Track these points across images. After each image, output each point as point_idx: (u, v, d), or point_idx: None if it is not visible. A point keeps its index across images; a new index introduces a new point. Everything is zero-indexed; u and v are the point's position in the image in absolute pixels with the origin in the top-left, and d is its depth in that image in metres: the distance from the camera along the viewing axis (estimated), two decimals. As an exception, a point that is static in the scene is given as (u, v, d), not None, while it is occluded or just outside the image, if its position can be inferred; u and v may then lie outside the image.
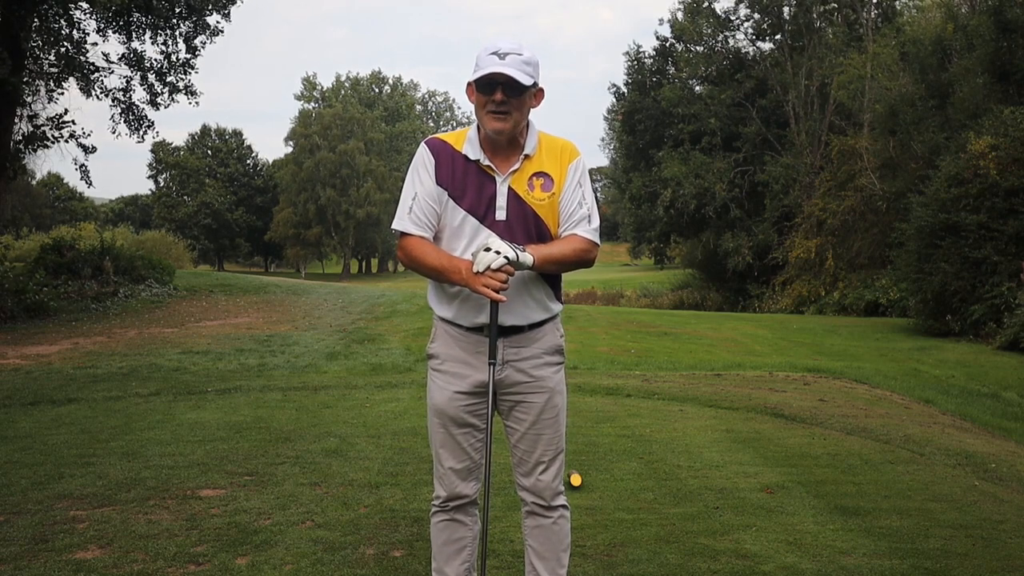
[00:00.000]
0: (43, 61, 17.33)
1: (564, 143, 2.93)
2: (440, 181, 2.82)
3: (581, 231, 2.84)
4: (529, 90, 2.76)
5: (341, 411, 7.37)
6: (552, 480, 2.99)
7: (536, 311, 2.89)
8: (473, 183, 2.81)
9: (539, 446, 2.96)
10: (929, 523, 4.40)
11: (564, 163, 2.87)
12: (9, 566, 3.66)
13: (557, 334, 2.97)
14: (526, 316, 2.87)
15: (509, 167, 2.83)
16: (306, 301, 18.65)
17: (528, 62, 2.74)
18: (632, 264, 75.30)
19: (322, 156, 68.45)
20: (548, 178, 2.85)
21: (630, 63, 39.83)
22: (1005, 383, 12.41)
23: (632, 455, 5.76)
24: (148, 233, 49.47)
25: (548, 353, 2.93)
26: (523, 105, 2.77)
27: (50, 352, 11.81)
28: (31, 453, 5.74)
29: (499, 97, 2.71)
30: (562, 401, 2.99)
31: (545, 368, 2.92)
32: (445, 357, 2.91)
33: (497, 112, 2.73)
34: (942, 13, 28.45)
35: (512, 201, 2.81)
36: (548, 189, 2.84)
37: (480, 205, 2.81)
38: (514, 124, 2.76)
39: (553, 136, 2.94)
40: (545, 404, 2.93)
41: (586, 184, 2.90)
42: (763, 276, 33.99)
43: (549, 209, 2.84)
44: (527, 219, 2.82)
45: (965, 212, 18.37)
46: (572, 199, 2.85)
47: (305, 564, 3.71)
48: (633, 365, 11.35)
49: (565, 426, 3.04)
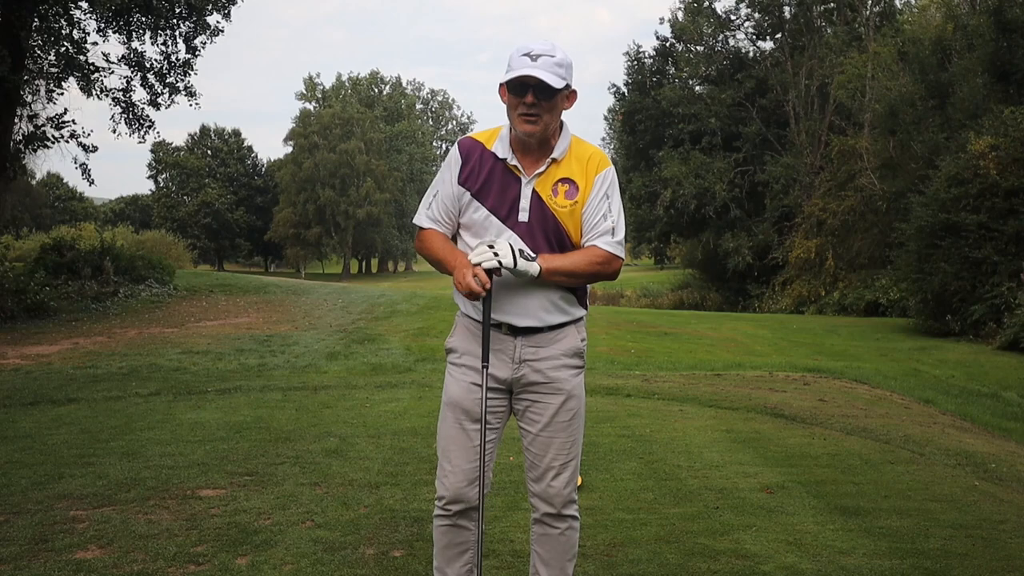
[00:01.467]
0: (43, 61, 17.32)
1: (595, 151, 2.88)
2: (463, 181, 2.84)
3: (602, 243, 2.79)
4: (560, 93, 2.74)
5: (341, 411, 7.37)
6: (564, 487, 2.92)
7: (554, 314, 2.85)
8: (498, 182, 2.82)
9: (551, 450, 2.90)
10: (929, 523, 4.40)
11: (591, 172, 2.82)
12: (9, 566, 3.66)
13: (578, 337, 2.92)
14: (541, 318, 2.83)
15: (536, 169, 2.81)
16: (306, 301, 18.64)
17: (560, 64, 2.71)
18: (632, 264, 75.30)
19: (322, 156, 68.44)
20: (574, 185, 2.81)
21: (630, 63, 39.86)
22: (1005, 383, 12.42)
23: (632, 455, 5.76)
24: (148, 233, 49.48)
25: (567, 355, 2.88)
26: (554, 108, 2.75)
27: (50, 352, 11.81)
28: (31, 453, 5.74)
29: (530, 100, 2.70)
30: (578, 406, 2.93)
31: (563, 370, 2.88)
32: (463, 351, 2.91)
33: (528, 115, 2.72)
34: (942, 13, 28.46)
35: (535, 204, 2.79)
36: (572, 197, 2.80)
37: (503, 205, 2.81)
38: (544, 127, 2.74)
39: (586, 143, 2.90)
40: (560, 407, 2.88)
41: (614, 196, 2.85)
42: (763, 276, 34.01)
43: (571, 217, 2.80)
44: (547, 224, 2.79)
45: (965, 212, 18.37)
46: (597, 210, 2.81)
47: (305, 564, 3.71)
48: (633, 365, 11.35)
49: (582, 434, 2.98)
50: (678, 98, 36.50)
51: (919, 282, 19.41)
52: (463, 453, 2.87)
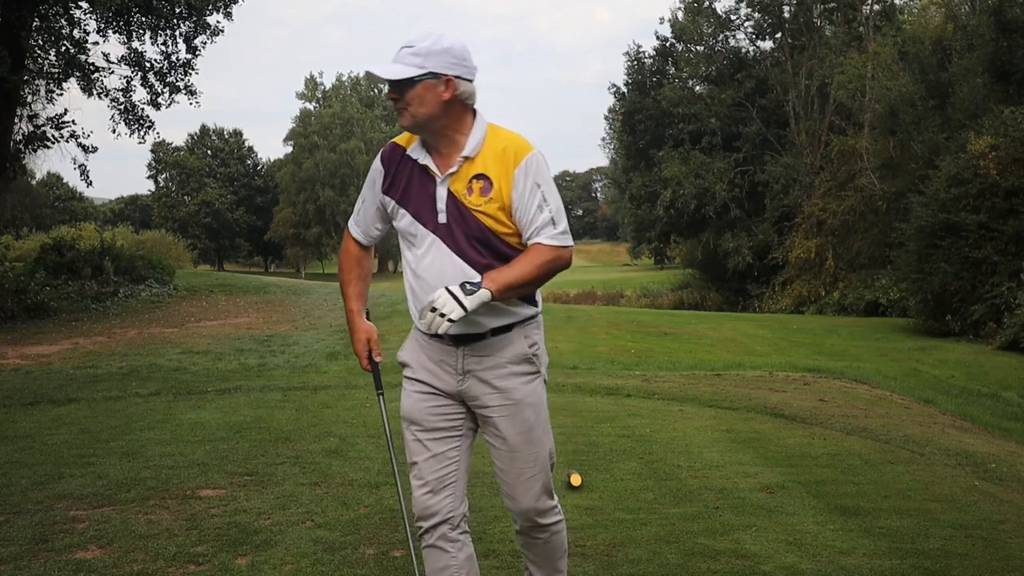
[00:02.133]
0: (43, 61, 17.33)
1: (509, 142, 2.62)
2: (387, 190, 2.73)
3: (545, 239, 2.56)
4: (422, 82, 2.54)
5: (341, 411, 7.37)
6: (535, 501, 2.75)
7: (493, 316, 2.62)
8: (417, 185, 2.67)
9: (514, 465, 2.72)
10: (929, 523, 4.40)
11: (509, 165, 2.58)
12: (9, 566, 3.66)
13: (524, 342, 2.68)
14: (479, 323, 2.61)
15: (449, 167, 2.63)
16: (306, 301, 18.65)
17: (418, 53, 2.53)
18: (632, 264, 75.29)
19: (322, 156, 68.45)
20: (488, 181, 2.59)
21: (630, 63, 39.88)
22: (1005, 383, 12.43)
23: (632, 455, 5.76)
24: (148, 233, 49.44)
25: (514, 362, 2.66)
26: (422, 99, 2.55)
27: (50, 352, 11.81)
28: (31, 453, 5.73)
29: (392, 95, 2.60)
30: (535, 416, 2.71)
31: (511, 379, 2.67)
32: (413, 363, 2.80)
33: (397, 109, 2.61)
34: (942, 13, 28.48)
35: (451, 204, 2.61)
36: (487, 194, 2.59)
37: (424, 208, 2.65)
38: (413, 119, 2.58)
39: (503, 131, 2.65)
40: (512, 418, 2.68)
41: (546, 183, 2.59)
42: (763, 276, 34.02)
43: (491, 215, 2.59)
44: (467, 224, 2.60)
45: (965, 212, 18.38)
46: (530, 204, 2.56)
47: (305, 564, 3.71)
48: (633, 365, 11.35)
49: (548, 444, 2.77)
50: (678, 98, 36.52)
51: (919, 282, 19.42)
52: (424, 465, 2.72)
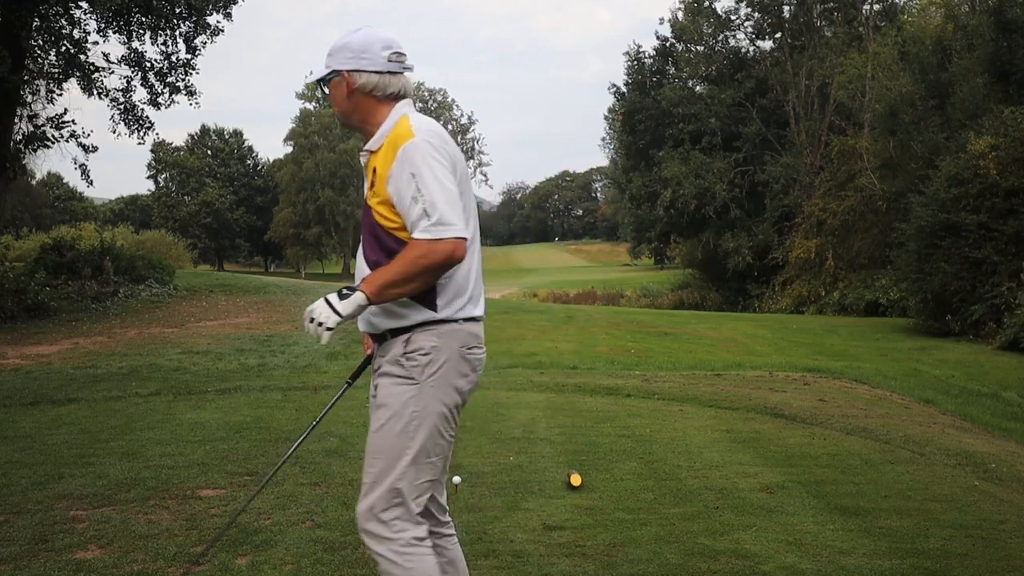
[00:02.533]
0: (43, 61, 17.33)
1: (403, 130, 2.46)
2: None
3: (418, 233, 2.35)
4: (330, 81, 2.58)
5: (341, 411, 7.35)
6: (360, 510, 2.52)
7: (383, 318, 2.54)
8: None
9: (365, 463, 2.57)
10: (929, 523, 4.40)
11: (390, 157, 2.45)
12: (9, 566, 3.66)
13: (404, 346, 2.51)
14: (372, 323, 2.58)
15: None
16: (306, 301, 18.61)
17: (328, 53, 2.54)
18: (632, 264, 75.29)
19: (322, 156, 68.46)
20: (375, 173, 2.50)
21: (630, 63, 39.90)
22: (1005, 383, 12.43)
23: (632, 455, 5.76)
24: (148, 233, 49.50)
25: (389, 363, 2.56)
26: (333, 97, 2.60)
27: (50, 352, 11.81)
28: (31, 453, 5.73)
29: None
30: (387, 417, 2.52)
31: (381, 378, 2.59)
32: None
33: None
34: (942, 13, 28.48)
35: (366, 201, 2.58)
36: (373, 187, 2.51)
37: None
38: (344, 116, 2.62)
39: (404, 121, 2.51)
40: (372, 415, 2.60)
41: (422, 171, 2.37)
42: (763, 276, 34.03)
43: (378, 210, 2.49)
44: (367, 219, 2.53)
45: (965, 212, 18.38)
46: (405, 196, 2.39)
47: (305, 564, 3.71)
48: (633, 365, 11.35)
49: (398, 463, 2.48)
50: (678, 98, 36.53)
51: (919, 282, 19.43)
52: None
